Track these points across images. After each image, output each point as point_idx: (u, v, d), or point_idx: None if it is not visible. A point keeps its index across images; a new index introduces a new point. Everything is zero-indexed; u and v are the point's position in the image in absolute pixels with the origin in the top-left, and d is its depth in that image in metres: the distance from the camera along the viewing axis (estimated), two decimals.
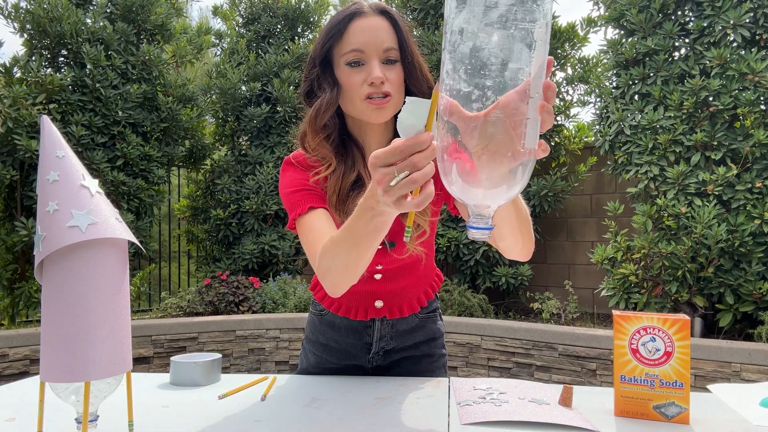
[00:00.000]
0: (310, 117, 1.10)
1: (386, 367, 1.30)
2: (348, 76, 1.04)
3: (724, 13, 3.82)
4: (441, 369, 1.33)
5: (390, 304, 1.23)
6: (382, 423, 0.91)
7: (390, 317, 1.24)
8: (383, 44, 1.04)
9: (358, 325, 1.25)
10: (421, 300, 1.27)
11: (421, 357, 1.30)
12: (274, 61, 6.15)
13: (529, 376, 3.89)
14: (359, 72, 1.04)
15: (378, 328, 1.25)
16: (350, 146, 1.14)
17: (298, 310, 4.83)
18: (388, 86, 1.03)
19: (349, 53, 1.03)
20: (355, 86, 1.04)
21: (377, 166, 0.67)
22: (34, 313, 4.92)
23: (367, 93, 1.03)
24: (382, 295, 1.22)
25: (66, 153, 0.72)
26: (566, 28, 5.38)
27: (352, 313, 1.23)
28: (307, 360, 1.33)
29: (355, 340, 1.26)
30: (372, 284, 1.21)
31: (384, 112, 1.05)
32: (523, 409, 0.93)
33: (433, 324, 1.32)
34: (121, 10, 5.35)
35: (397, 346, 1.28)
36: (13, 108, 4.34)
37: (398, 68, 1.06)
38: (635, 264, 3.97)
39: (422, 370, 1.30)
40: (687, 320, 0.90)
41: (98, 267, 0.70)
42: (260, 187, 5.83)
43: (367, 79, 1.03)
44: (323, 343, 1.30)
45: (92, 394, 0.73)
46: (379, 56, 1.04)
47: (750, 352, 3.13)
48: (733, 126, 3.88)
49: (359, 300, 1.23)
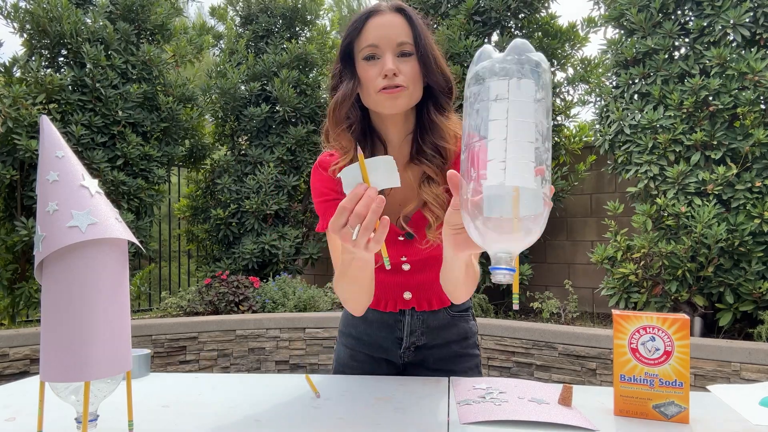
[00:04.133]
0: (330, 108, 1.14)
1: (417, 364, 1.30)
2: (365, 70, 1.09)
3: (724, 12, 3.82)
4: (474, 370, 1.32)
5: (419, 296, 1.25)
6: (382, 422, 0.91)
7: (419, 309, 1.25)
8: (397, 38, 1.08)
9: (389, 318, 1.27)
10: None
11: (454, 356, 1.30)
12: (272, 60, 6.15)
13: (529, 375, 3.89)
14: (374, 66, 1.08)
15: (408, 322, 1.27)
16: (374, 139, 1.19)
17: (298, 309, 4.83)
18: (401, 79, 1.07)
19: (365, 48, 1.08)
20: (371, 79, 1.08)
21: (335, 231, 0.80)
22: (34, 313, 4.92)
23: (382, 85, 1.07)
24: (411, 287, 1.25)
25: (66, 153, 0.72)
26: (566, 28, 5.38)
27: (381, 305, 1.26)
28: (341, 352, 1.36)
29: (386, 334, 1.28)
30: (401, 275, 1.23)
31: (397, 101, 1.08)
32: (523, 409, 0.93)
33: (465, 323, 1.32)
34: (121, 10, 5.35)
35: (429, 342, 1.29)
36: (13, 108, 4.34)
37: (413, 61, 1.09)
38: (635, 263, 3.97)
39: (455, 369, 1.29)
40: (687, 320, 0.90)
41: (98, 267, 0.70)
42: (260, 186, 5.83)
43: (380, 72, 1.07)
44: (356, 336, 1.32)
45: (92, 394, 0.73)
46: (392, 50, 1.07)
47: (750, 351, 3.13)
48: (733, 125, 3.88)
49: (388, 291, 1.25)
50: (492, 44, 5.49)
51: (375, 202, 0.78)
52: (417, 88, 1.10)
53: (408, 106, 1.11)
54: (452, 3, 5.40)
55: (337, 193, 1.16)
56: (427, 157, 1.13)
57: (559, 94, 5.45)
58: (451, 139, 1.14)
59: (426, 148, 1.13)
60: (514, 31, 5.46)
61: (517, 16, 5.43)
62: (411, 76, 1.08)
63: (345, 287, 1.07)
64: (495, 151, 0.69)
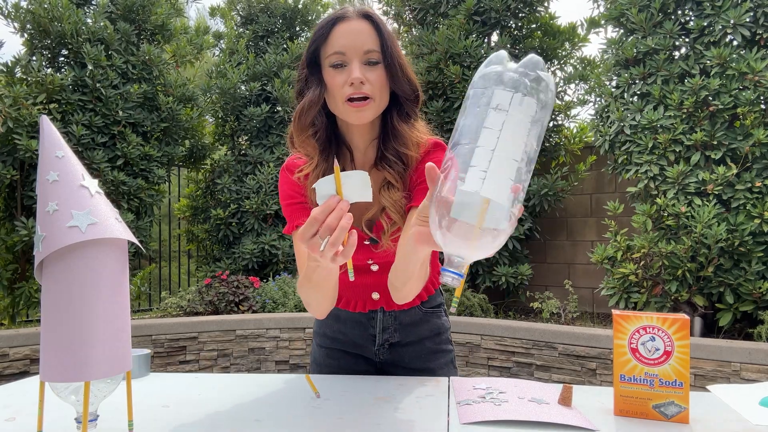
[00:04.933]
0: (295, 114, 1.14)
1: (393, 362, 1.31)
2: (331, 77, 1.08)
3: (724, 12, 3.82)
4: (449, 365, 1.33)
5: (387, 296, 1.25)
6: (381, 422, 0.91)
7: (387, 309, 1.27)
8: (364, 46, 1.07)
9: (360, 317, 1.29)
10: (421, 295, 1.28)
11: (428, 353, 1.31)
12: (273, 60, 6.15)
13: (529, 375, 3.89)
14: (341, 73, 1.07)
15: (380, 320, 1.28)
16: (340, 145, 1.19)
17: (298, 309, 4.83)
18: (368, 87, 1.06)
19: (332, 55, 1.07)
20: (337, 87, 1.07)
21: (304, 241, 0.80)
22: (34, 312, 4.92)
23: (348, 95, 1.06)
24: (379, 287, 1.25)
25: (66, 153, 0.72)
26: (566, 28, 5.38)
27: (351, 306, 1.27)
28: (316, 353, 1.37)
29: (360, 331, 1.30)
30: (369, 276, 1.24)
31: (363, 114, 1.08)
32: (523, 409, 0.94)
33: (437, 319, 1.33)
34: (122, 10, 5.35)
35: (402, 340, 1.29)
36: (14, 108, 4.34)
37: (380, 69, 1.08)
38: (635, 263, 3.97)
39: (430, 367, 1.30)
40: (686, 320, 0.90)
41: (98, 267, 0.70)
42: (260, 186, 5.83)
43: (347, 80, 1.06)
44: (330, 336, 1.34)
45: (92, 394, 0.73)
46: (359, 58, 1.07)
47: (750, 351, 3.13)
48: (733, 125, 3.88)
49: (357, 292, 1.26)
50: (492, 44, 5.49)
51: (344, 219, 0.79)
52: (383, 97, 1.10)
53: (374, 116, 1.11)
54: (452, 3, 5.40)
55: (303, 197, 1.17)
56: (389, 163, 1.14)
57: (559, 93, 5.45)
58: (413, 147, 1.14)
59: (388, 154, 1.14)
60: (513, 30, 5.46)
61: (517, 15, 5.43)
62: (378, 85, 1.08)
63: (308, 292, 1.08)
64: (479, 159, 0.70)
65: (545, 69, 0.72)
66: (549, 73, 0.73)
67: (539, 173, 5.37)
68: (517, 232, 4.98)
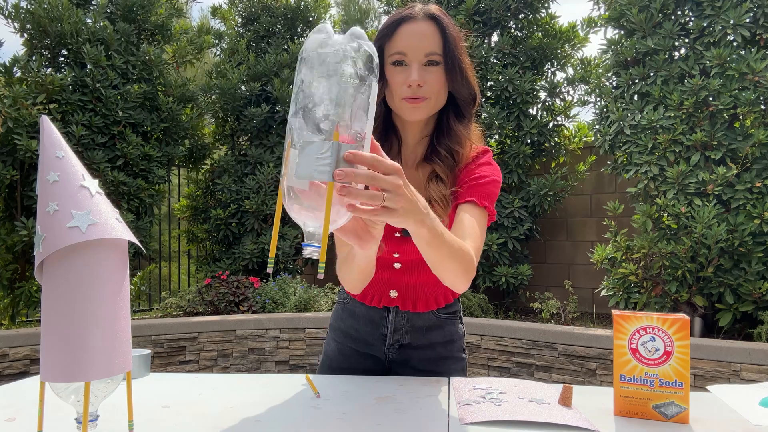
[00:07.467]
0: None
1: (401, 362, 1.31)
2: (392, 74, 1.13)
3: (724, 12, 3.82)
4: (460, 373, 1.32)
5: (404, 296, 1.26)
6: (382, 422, 0.91)
7: (403, 309, 1.27)
8: (425, 49, 1.10)
9: (374, 314, 1.29)
10: (439, 301, 1.28)
11: (438, 359, 1.30)
12: (273, 61, 6.15)
13: (529, 375, 3.89)
14: (401, 72, 1.11)
15: (393, 319, 1.28)
16: (391, 136, 1.23)
17: (298, 309, 4.83)
18: (425, 90, 1.10)
19: (394, 54, 1.12)
20: (396, 84, 1.12)
21: None
22: (34, 313, 4.92)
23: (406, 94, 1.11)
24: (398, 286, 1.26)
25: (66, 153, 0.72)
26: (566, 29, 5.38)
27: (368, 299, 1.28)
28: (329, 346, 1.39)
29: (371, 329, 1.30)
30: (390, 272, 1.25)
31: (418, 111, 1.12)
32: (523, 409, 0.94)
33: (452, 326, 1.32)
34: (122, 10, 5.35)
35: (413, 342, 1.29)
36: (14, 108, 4.34)
37: (439, 70, 1.11)
38: (635, 264, 3.97)
39: (441, 372, 1.29)
40: (687, 320, 0.90)
41: (98, 267, 0.70)
42: (260, 186, 5.83)
43: (406, 81, 1.10)
44: (344, 330, 1.35)
45: (92, 394, 0.73)
46: (419, 60, 1.10)
47: (750, 351, 3.13)
48: (733, 126, 3.88)
49: (375, 286, 1.26)
50: (492, 44, 5.49)
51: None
52: (440, 98, 1.14)
53: (428, 114, 1.15)
54: (452, 3, 5.40)
55: None
56: (440, 157, 1.17)
57: (559, 94, 5.45)
58: (466, 145, 1.18)
59: (441, 149, 1.17)
60: (514, 31, 5.47)
61: (517, 16, 5.43)
62: (435, 86, 1.11)
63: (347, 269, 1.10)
64: (293, 122, 0.73)
65: (364, 37, 0.75)
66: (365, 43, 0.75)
67: (539, 173, 5.37)
68: (517, 232, 4.99)
